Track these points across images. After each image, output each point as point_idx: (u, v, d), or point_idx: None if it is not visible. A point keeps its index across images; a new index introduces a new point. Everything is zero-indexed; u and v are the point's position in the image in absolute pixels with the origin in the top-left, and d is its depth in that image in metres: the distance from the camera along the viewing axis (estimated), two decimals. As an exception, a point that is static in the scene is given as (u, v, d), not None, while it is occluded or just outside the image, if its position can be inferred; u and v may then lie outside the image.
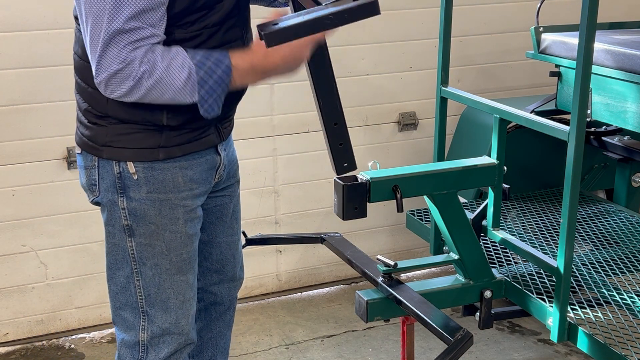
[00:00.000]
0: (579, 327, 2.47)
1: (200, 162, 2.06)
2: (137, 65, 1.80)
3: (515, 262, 2.97)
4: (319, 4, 1.82)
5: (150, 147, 1.98)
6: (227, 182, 2.26)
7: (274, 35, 1.72)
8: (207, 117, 1.90)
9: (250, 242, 2.92)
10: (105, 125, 1.98)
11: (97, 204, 2.08)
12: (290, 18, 1.76)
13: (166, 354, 2.12)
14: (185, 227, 2.06)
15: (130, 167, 1.98)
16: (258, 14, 2.11)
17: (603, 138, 3.44)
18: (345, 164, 2.21)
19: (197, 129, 2.02)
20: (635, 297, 2.66)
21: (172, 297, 2.08)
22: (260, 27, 1.75)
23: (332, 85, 2.11)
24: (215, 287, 2.37)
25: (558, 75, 3.26)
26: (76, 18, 1.98)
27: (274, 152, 3.79)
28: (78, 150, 2.08)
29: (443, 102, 3.07)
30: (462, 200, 2.96)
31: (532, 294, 2.67)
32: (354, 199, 2.34)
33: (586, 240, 3.18)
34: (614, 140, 3.40)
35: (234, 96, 2.08)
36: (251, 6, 2.14)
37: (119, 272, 2.09)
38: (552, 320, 2.52)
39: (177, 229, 2.05)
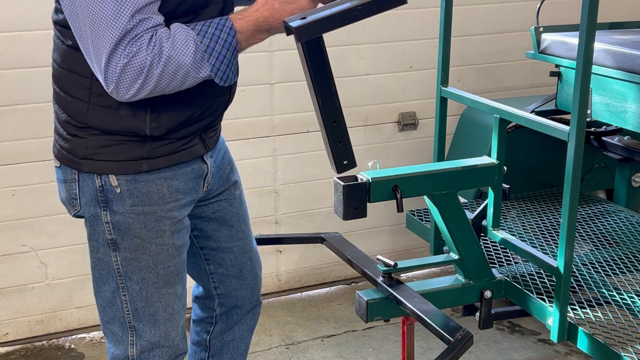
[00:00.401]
0: (579, 327, 2.47)
1: (186, 171, 2.01)
2: (144, 53, 1.73)
3: (515, 262, 2.97)
4: None
5: (132, 159, 1.91)
6: (222, 188, 2.20)
7: (304, 29, 1.70)
8: (224, 85, 1.84)
9: (250, 242, 2.92)
10: (85, 137, 1.92)
11: (80, 217, 2.02)
12: (317, 11, 1.74)
13: None
14: (172, 239, 2.01)
15: (113, 180, 1.92)
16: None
17: (603, 138, 3.44)
18: (345, 162, 2.17)
19: (181, 139, 1.96)
20: (635, 297, 2.66)
21: (160, 310, 2.03)
22: (288, 21, 1.73)
23: (330, 83, 2.09)
24: (236, 292, 2.33)
25: (558, 75, 3.26)
26: (55, 23, 1.92)
27: (274, 152, 3.79)
28: (56, 163, 2.01)
29: (443, 102, 3.07)
30: (462, 200, 2.96)
31: (532, 294, 2.67)
32: (354, 199, 2.34)
33: (586, 240, 3.18)
34: (614, 140, 3.40)
35: (220, 105, 2.04)
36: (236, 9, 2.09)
37: (104, 287, 2.03)
38: (552, 320, 2.52)
39: (163, 242, 1.99)
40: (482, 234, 2.89)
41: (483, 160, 2.62)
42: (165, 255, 2.00)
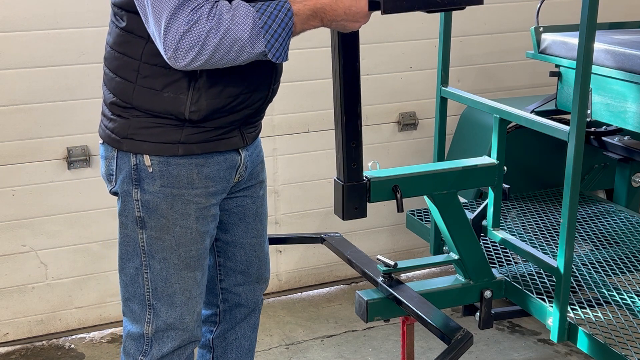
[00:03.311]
0: (579, 327, 2.47)
1: (219, 160, 2.07)
2: (204, 22, 1.78)
3: (515, 262, 2.97)
4: None
5: (170, 142, 1.99)
6: (248, 183, 2.25)
7: (390, 3, 1.77)
8: (277, 62, 1.89)
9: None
10: (128, 118, 2.00)
11: (115, 194, 2.11)
12: None
13: (170, 348, 2.13)
14: (196, 223, 2.07)
15: (147, 160, 2.00)
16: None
17: (603, 138, 3.44)
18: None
19: (217, 128, 2.02)
20: (635, 297, 2.66)
21: (178, 292, 2.09)
22: None
23: (358, 104, 2.17)
24: (239, 288, 2.36)
25: (558, 75, 3.26)
26: (113, 5, 1.99)
27: (274, 152, 3.79)
28: (100, 141, 2.11)
29: (443, 102, 3.07)
30: (462, 200, 2.96)
31: (532, 294, 2.67)
32: (354, 199, 2.34)
33: (586, 240, 3.18)
34: (614, 140, 3.40)
35: (259, 99, 2.08)
36: None
37: (129, 264, 2.11)
38: (552, 320, 2.52)
39: (187, 225, 2.05)
40: (482, 234, 2.89)
41: (483, 160, 2.62)
42: (188, 238, 2.06)
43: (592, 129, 3.47)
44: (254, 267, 2.36)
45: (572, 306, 2.60)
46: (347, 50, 2.17)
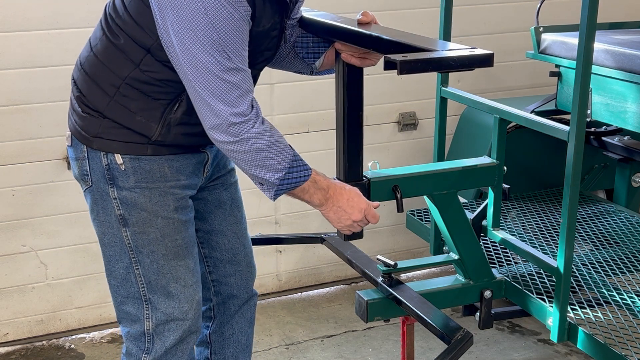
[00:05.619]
0: (579, 327, 2.47)
1: (188, 156, 2.10)
2: (251, 126, 1.92)
3: (515, 262, 2.97)
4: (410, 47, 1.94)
5: (139, 143, 2.02)
6: (217, 174, 2.29)
7: (406, 64, 1.86)
8: (269, 198, 2.03)
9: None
10: (98, 117, 2.02)
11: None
12: (415, 53, 1.90)
13: (172, 342, 2.13)
14: (176, 213, 2.09)
15: (118, 158, 2.02)
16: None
17: (603, 138, 3.44)
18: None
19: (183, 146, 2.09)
20: (635, 297, 2.66)
21: (172, 281, 2.10)
22: (389, 57, 1.89)
23: (360, 160, 2.26)
24: (230, 278, 2.38)
25: (558, 75, 3.26)
26: (112, 20, 1.98)
27: (274, 152, 3.79)
28: (68, 142, 2.11)
29: (443, 102, 3.07)
30: (462, 200, 2.96)
31: (532, 294, 2.67)
32: (354, 199, 2.34)
33: (586, 240, 3.18)
34: (614, 140, 3.40)
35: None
36: None
37: (117, 265, 2.11)
38: (552, 320, 2.52)
39: (168, 215, 2.07)
40: (482, 234, 2.89)
41: (483, 160, 2.62)
42: (172, 228, 2.08)
43: (592, 129, 3.47)
44: (241, 255, 2.38)
45: (572, 306, 2.60)
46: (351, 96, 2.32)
